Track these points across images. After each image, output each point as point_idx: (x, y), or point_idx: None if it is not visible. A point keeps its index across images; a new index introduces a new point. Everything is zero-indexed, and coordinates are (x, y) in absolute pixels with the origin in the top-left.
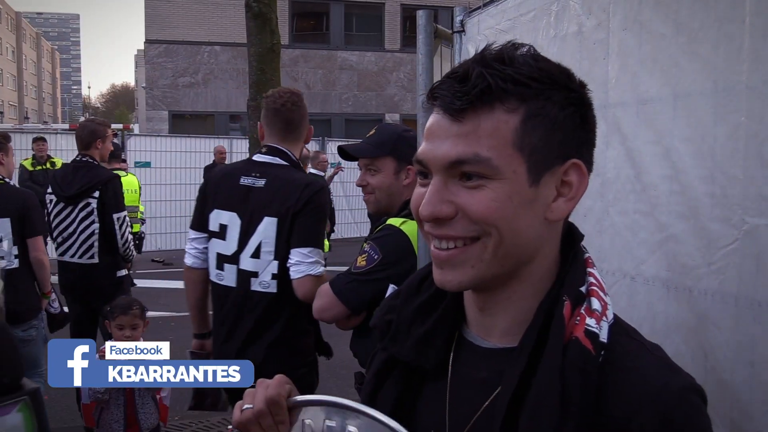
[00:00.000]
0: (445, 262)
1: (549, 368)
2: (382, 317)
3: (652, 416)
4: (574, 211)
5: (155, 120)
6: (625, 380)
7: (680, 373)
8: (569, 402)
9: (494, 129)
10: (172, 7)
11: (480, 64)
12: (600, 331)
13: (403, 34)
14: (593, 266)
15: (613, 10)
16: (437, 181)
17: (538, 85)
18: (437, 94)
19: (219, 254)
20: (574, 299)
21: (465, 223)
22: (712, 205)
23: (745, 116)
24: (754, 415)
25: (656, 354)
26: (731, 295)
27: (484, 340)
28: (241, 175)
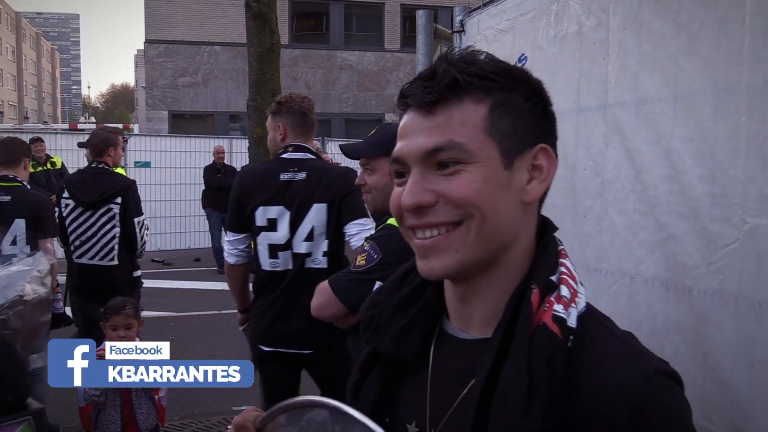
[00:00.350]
0: (430, 249)
1: (517, 355)
2: (365, 312)
3: (622, 402)
4: (574, 210)
5: (155, 120)
6: (594, 367)
7: (651, 357)
8: (537, 387)
9: (465, 118)
10: (172, 7)
11: (445, 62)
12: (568, 317)
13: (403, 34)
14: (566, 257)
15: (613, 10)
16: (416, 173)
17: (501, 78)
18: (408, 93)
19: (271, 245)
20: (543, 287)
21: (447, 209)
22: (713, 205)
23: (746, 116)
24: (754, 416)
25: (627, 341)
26: (731, 295)
27: (463, 331)
28: (279, 173)
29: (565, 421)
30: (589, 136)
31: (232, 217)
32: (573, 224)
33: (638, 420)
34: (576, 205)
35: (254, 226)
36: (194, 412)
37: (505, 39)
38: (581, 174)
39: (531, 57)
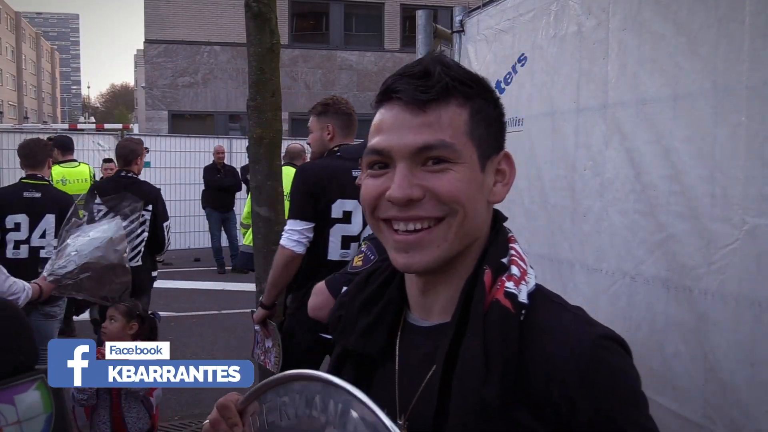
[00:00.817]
0: (413, 244)
1: (473, 331)
2: (333, 314)
3: (574, 365)
4: (573, 210)
5: (155, 120)
6: (546, 336)
7: (596, 324)
8: (493, 358)
9: (452, 120)
10: (172, 7)
11: (437, 64)
12: (519, 293)
13: (403, 34)
14: (515, 242)
15: (612, 10)
16: (404, 167)
17: (477, 86)
18: (399, 88)
19: (344, 236)
20: (495, 268)
21: (433, 204)
22: (713, 205)
23: (746, 116)
24: (754, 415)
25: (575, 312)
26: (731, 295)
27: (425, 320)
28: (350, 169)
29: (522, 388)
30: (589, 136)
31: (305, 207)
32: (573, 224)
33: (589, 380)
34: (576, 205)
35: (329, 218)
36: (194, 412)
37: (504, 39)
38: (581, 174)
39: (531, 57)
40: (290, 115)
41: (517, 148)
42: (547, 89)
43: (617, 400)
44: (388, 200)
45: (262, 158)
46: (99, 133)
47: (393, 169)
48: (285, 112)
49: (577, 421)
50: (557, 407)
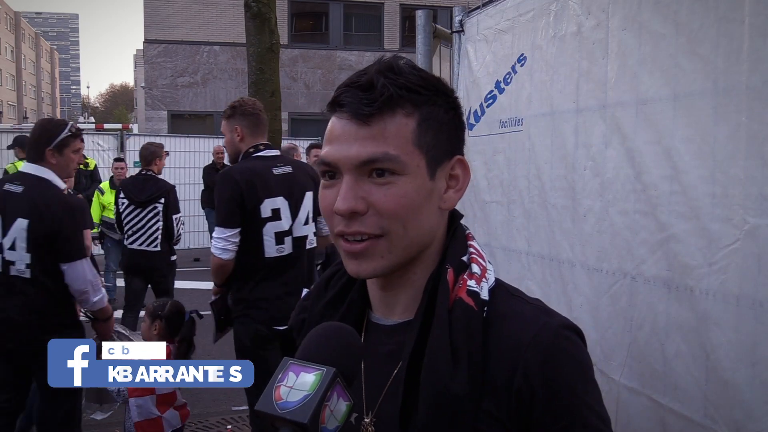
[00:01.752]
0: (360, 254)
1: (439, 327)
2: (296, 317)
3: (532, 356)
4: (574, 210)
5: (154, 120)
6: (508, 327)
7: (555, 314)
8: (459, 353)
9: (397, 131)
10: (172, 7)
11: (381, 75)
12: (480, 290)
13: (402, 34)
14: (473, 239)
15: (612, 10)
16: (349, 179)
17: (426, 92)
18: (344, 101)
19: (277, 233)
20: (456, 267)
21: (374, 220)
22: (713, 205)
23: (746, 116)
24: (756, 415)
25: (534, 304)
26: (732, 295)
27: (388, 318)
28: (271, 167)
29: (487, 380)
30: (589, 136)
31: (231, 214)
32: (573, 224)
33: (549, 367)
34: (576, 205)
35: (260, 218)
36: (194, 412)
37: (504, 39)
38: (581, 174)
39: (530, 57)
40: (289, 115)
41: (516, 148)
42: (546, 89)
43: (574, 388)
44: (334, 212)
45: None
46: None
47: (341, 180)
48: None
49: (537, 408)
50: (520, 396)
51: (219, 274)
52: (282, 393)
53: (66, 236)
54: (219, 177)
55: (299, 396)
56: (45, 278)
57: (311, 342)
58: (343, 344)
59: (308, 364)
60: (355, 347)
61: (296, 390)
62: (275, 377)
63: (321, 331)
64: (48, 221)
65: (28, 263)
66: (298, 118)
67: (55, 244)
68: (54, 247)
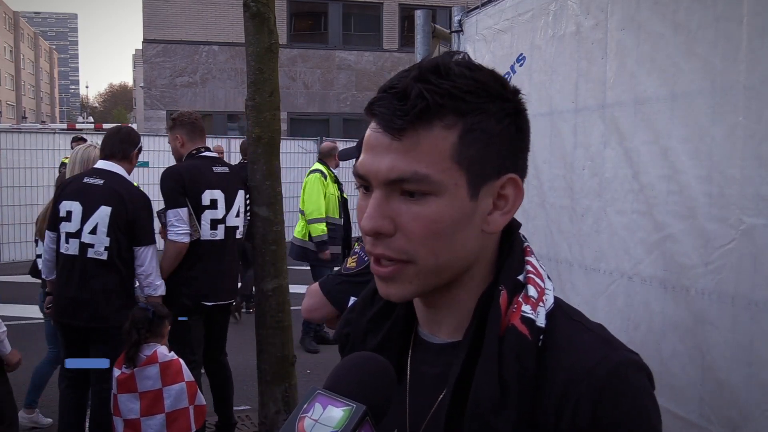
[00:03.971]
0: (387, 278)
1: (488, 357)
2: (340, 331)
3: (585, 392)
4: (572, 210)
5: (153, 119)
6: (561, 361)
7: (619, 349)
8: (508, 387)
9: (433, 146)
10: (171, 6)
11: (418, 81)
12: (536, 316)
13: (402, 33)
14: (532, 254)
15: (611, 10)
16: (378, 195)
17: (475, 98)
18: (376, 110)
19: (213, 219)
20: (510, 288)
21: (401, 243)
22: (710, 205)
23: (743, 116)
24: (752, 415)
25: (595, 332)
26: (728, 294)
27: (435, 336)
28: (211, 166)
29: (536, 413)
30: (588, 136)
31: (178, 197)
32: (571, 224)
33: (601, 408)
34: (574, 204)
35: (200, 206)
36: None
37: (503, 39)
38: (579, 174)
39: (529, 57)
40: (288, 115)
41: None
42: (545, 89)
43: None
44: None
45: (261, 158)
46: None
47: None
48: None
49: None
50: None
51: (177, 260)
52: (306, 426)
53: (142, 223)
54: (165, 172)
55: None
56: (118, 261)
57: (342, 372)
58: (376, 378)
59: (337, 397)
60: (389, 383)
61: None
62: (300, 406)
63: (354, 362)
64: (130, 209)
65: (107, 246)
66: (297, 117)
67: (132, 230)
68: (131, 232)
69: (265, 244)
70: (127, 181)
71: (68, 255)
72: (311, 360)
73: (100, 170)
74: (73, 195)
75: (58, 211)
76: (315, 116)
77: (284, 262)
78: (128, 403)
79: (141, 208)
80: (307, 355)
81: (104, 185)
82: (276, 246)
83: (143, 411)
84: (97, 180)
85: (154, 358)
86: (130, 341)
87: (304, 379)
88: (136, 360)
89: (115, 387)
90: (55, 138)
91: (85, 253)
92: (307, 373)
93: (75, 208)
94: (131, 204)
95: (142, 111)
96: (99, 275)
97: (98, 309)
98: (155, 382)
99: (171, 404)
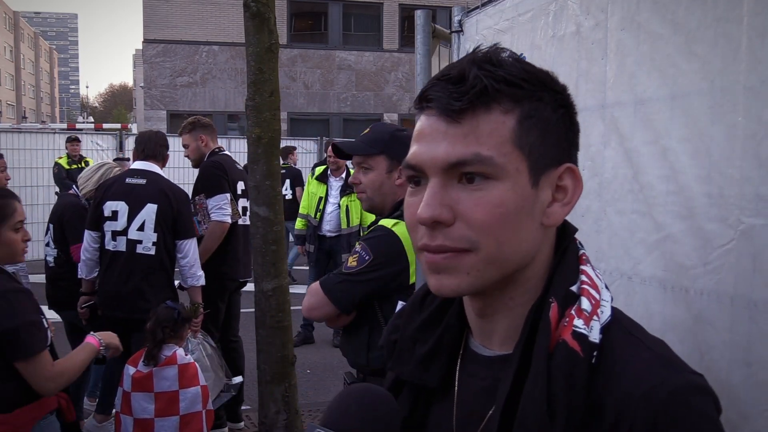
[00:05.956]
0: (442, 266)
1: (536, 374)
2: (387, 337)
3: (641, 415)
4: (572, 210)
5: (153, 120)
6: (616, 382)
7: (680, 371)
8: (557, 407)
9: (493, 129)
10: (171, 6)
11: (475, 65)
12: (590, 331)
13: (402, 34)
14: (587, 263)
15: (611, 10)
16: (435, 183)
17: (529, 86)
18: (431, 95)
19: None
20: (562, 300)
21: (462, 232)
22: (709, 205)
23: (743, 116)
24: (751, 416)
25: (655, 350)
26: (727, 295)
27: (486, 347)
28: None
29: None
30: (588, 136)
31: (225, 184)
32: None
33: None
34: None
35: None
36: None
37: (503, 39)
38: None
39: (529, 57)
40: (288, 115)
41: None
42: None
43: None
44: (417, 221)
45: (261, 158)
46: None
47: (426, 185)
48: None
49: None
50: None
51: (220, 239)
52: None
53: (184, 218)
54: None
55: None
56: (164, 255)
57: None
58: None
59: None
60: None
61: None
62: None
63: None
64: (174, 204)
65: (155, 241)
66: (297, 117)
67: (176, 224)
68: (175, 226)
69: (265, 244)
70: (167, 179)
71: (116, 252)
72: (311, 361)
73: (141, 170)
74: (117, 195)
75: (102, 212)
76: (315, 116)
77: (284, 262)
78: (142, 402)
79: (183, 203)
80: (307, 356)
81: (148, 184)
82: (276, 246)
83: (158, 412)
84: (139, 180)
85: (174, 359)
86: (154, 339)
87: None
88: (157, 359)
89: (128, 384)
90: (55, 138)
91: (134, 249)
92: (307, 373)
93: (121, 207)
94: (175, 200)
95: (143, 111)
96: (147, 269)
97: (145, 300)
98: (172, 384)
99: (186, 407)
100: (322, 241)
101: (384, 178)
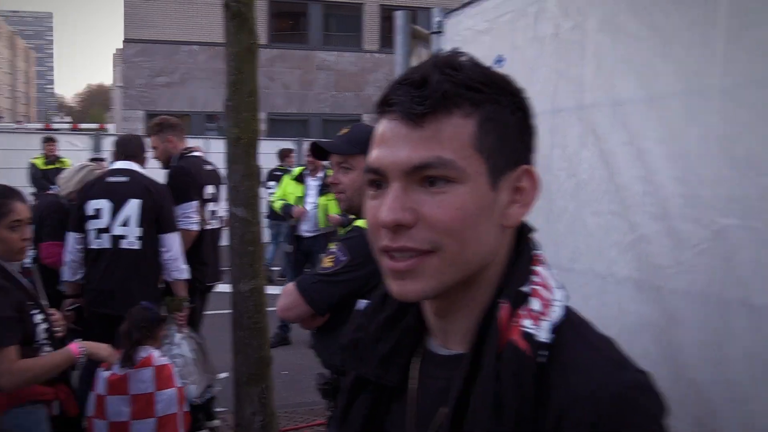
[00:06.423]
0: (405, 272)
1: (485, 374)
2: (350, 336)
3: (582, 415)
4: (548, 210)
5: (131, 120)
6: (563, 382)
7: (628, 367)
8: (503, 406)
9: (454, 133)
10: (151, 6)
11: (437, 70)
12: (538, 331)
13: (382, 34)
14: (540, 263)
15: (589, 12)
16: (397, 187)
17: (489, 90)
18: (393, 99)
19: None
20: (513, 301)
21: (424, 234)
22: (684, 206)
23: (717, 118)
24: (721, 414)
25: (602, 350)
26: (700, 294)
27: (443, 347)
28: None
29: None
30: (565, 137)
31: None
32: (547, 224)
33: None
34: (551, 205)
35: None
36: None
37: (483, 40)
38: (556, 175)
39: (509, 58)
40: (268, 116)
41: None
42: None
43: None
44: (379, 225)
45: (239, 159)
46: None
47: (388, 189)
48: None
49: None
50: None
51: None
52: None
53: (167, 212)
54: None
55: None
56: (149, 249)
57: None
58: None
59: None
60: None
61: None
62: None
63: None
64: (156, 199)
65: (139, 236)
66: (276, 118)
67: (159, 218)
68: (158, 220)
69: (242, 244)
70: (148, 176)
71: (101, 249)
72: (288, 362)
73: (123, 169)
74: (100, 194)
75: (84, 212)
76: (294, 117)
77: (261, 263)
78: (118, 405)
79: (165, 198)
80: (283, 357)
81: (130, 181)
82: (253, 247)
83: (134, 414)
84: (121, 177)
85: (149, 361)
86: (130, 341)
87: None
88: (134, 361)
89: (102, 388)
90: (30, 138)
91: (117, 245)
92: (283, 374)
93: (104, 205)
94: (157, 195)
95: (120, 111)
96: (132, 264)
97: (132, 296)
98: (148, 386)
99: (162, 408)
100: (300, 241)
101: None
